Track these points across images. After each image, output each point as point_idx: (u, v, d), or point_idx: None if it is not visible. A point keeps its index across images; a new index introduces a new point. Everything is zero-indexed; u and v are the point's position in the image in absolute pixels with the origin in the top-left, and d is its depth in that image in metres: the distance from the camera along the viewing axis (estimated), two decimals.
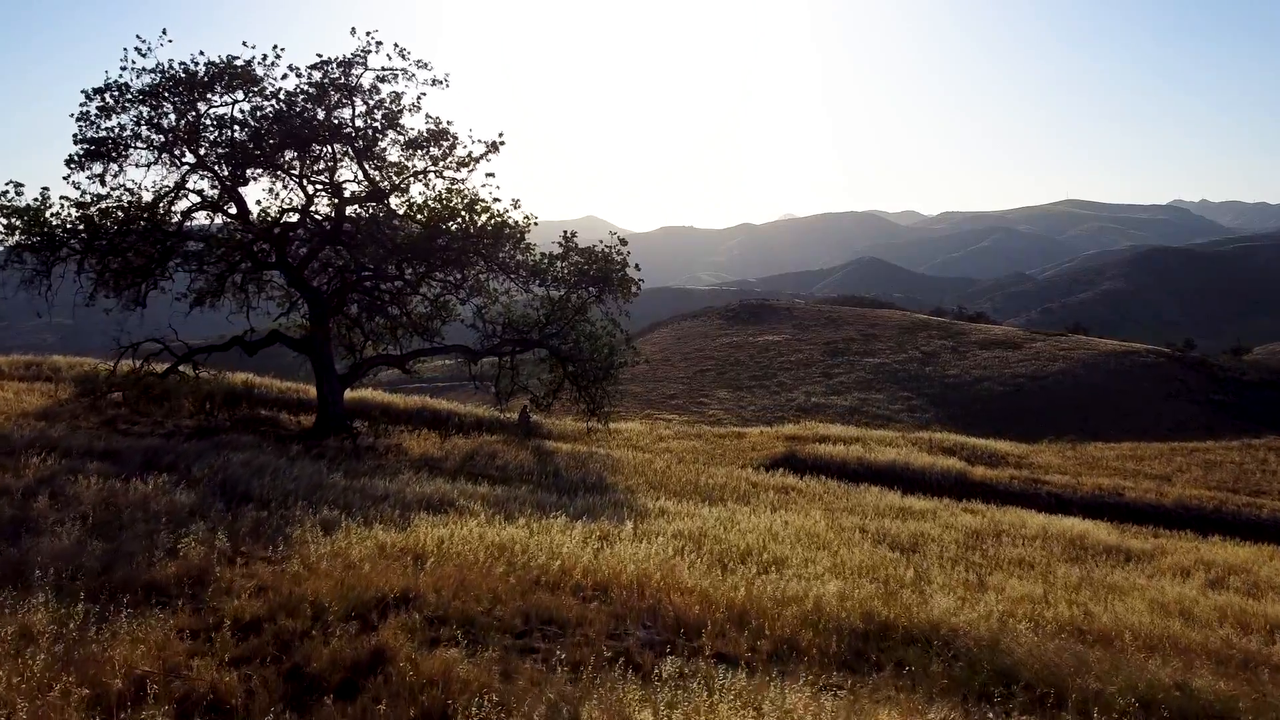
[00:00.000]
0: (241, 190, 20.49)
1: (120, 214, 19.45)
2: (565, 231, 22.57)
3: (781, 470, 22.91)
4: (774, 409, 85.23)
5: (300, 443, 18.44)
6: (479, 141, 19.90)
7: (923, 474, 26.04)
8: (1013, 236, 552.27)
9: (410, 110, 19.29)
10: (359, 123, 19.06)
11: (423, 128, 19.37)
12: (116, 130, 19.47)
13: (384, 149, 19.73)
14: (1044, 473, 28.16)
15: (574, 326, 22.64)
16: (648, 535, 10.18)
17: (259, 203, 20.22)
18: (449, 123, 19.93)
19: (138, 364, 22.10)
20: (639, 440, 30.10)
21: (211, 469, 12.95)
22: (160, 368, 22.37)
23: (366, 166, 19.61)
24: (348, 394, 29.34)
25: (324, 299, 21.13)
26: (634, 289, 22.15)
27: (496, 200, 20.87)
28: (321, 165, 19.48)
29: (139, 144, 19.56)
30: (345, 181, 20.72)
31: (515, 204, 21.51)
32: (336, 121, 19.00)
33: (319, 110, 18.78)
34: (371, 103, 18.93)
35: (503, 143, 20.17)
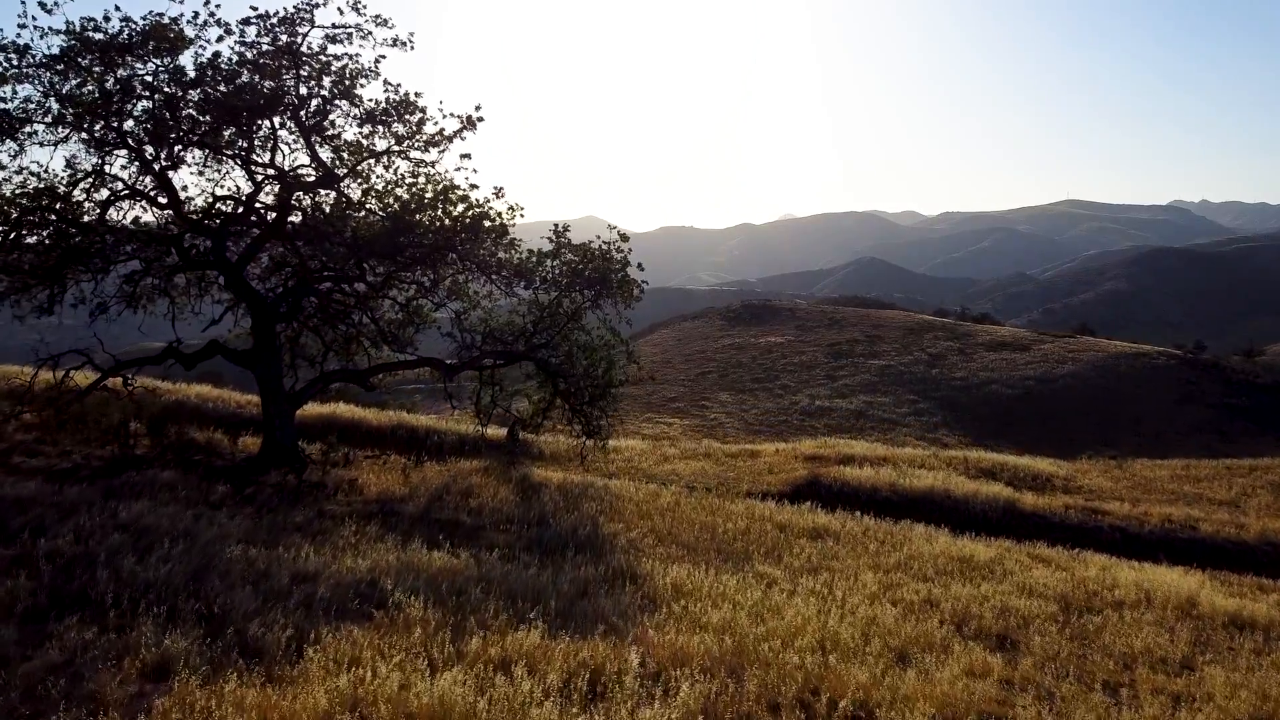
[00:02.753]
0: (171, 175, 17.26)
1: (21, 202, 16.16)
2: (557, 225, 19.25)
3: (809, 504, 19.63)
4: (778, 412, 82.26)
5: (231, 480, 15.13)
6: (451, 115, 16.60)
7: (966, 503, 22.76)
8: (1013, 237, 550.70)
9: (367, 76, 15.98)
10: (303, 90, 15.72)
11: (381, 97, 16.04)
12: (16, 102, 16.19)
13: (337, 124, 16.44)
14: (1099, 500, 24.89)
15: (566, 336, 19.33)
16: (662, 669, 6.87)
17: (185, 189, 16.81)
18: (417, 94, 16.63)
19: (58, 378, 18.80)
20: (641, 461, 26.79)
21: (77, 535, 9.68)
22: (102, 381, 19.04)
23: (315, 145, 16.30)
24: (313, 408, 26.05)
25: (270, 304, 17.83)
26: (636, 292, 18.84)
27: (474, 187, 17.58)
28: (257, 142, 16.15)
29: (45, 118, 16.28)
30: (300, 167, 17.47)
31: (498, 192, 18.22)
32: (279, 91, 15.67)
33: (255, 76, 15.46)
34: (318, 66, 15.59)
35: (480, 118, 16.87)
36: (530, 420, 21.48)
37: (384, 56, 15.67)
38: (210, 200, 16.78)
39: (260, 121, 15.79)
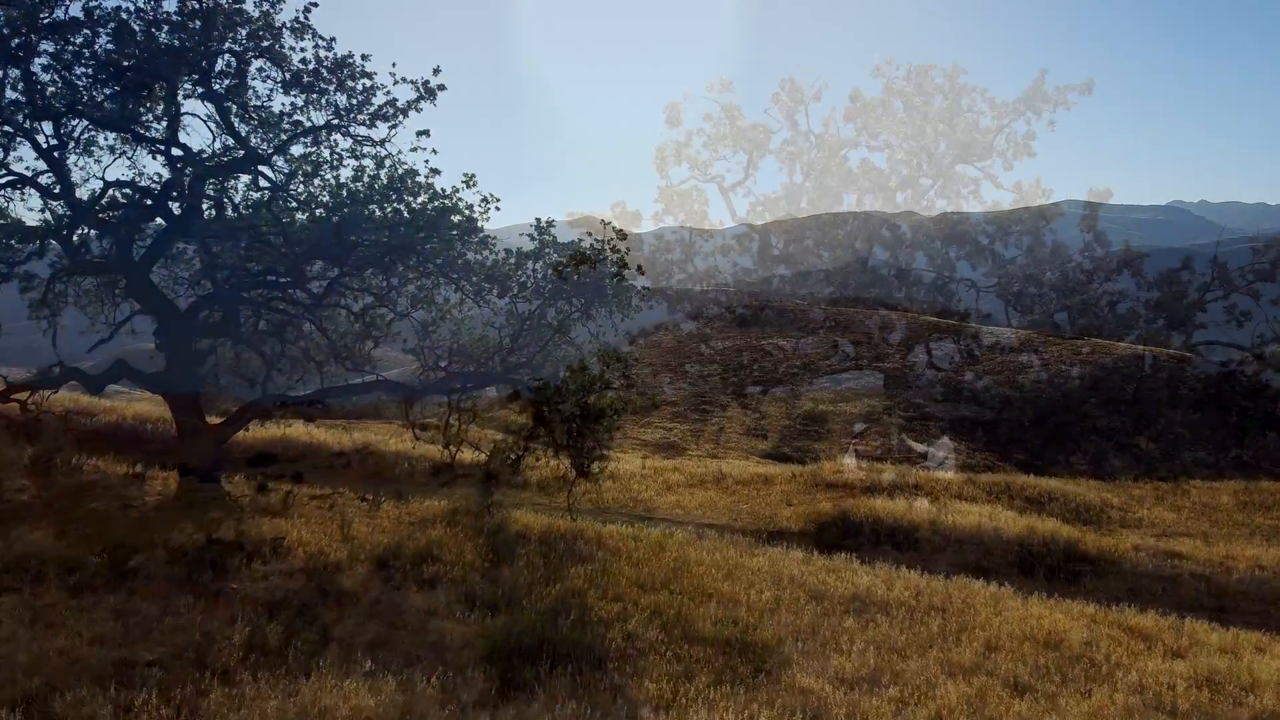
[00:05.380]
0: (68, 158, 13.95)
1: None
2: (539, 219, 16.00)
3: (844, 555, 16.40)
4: (780, 416, 78.76)
5: (117, 544, 11.81)
6: (404, 81, 13.30)
7: (1020, 545, 19.51)
8: (1013, 237, 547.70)
9: (296, 31, 12.69)
10: (212, 45, 12.42)
11: (311, 54, 12.74)
12: None
13: (259, 92, 13.15)
14: (1168, 538, 21.62)
15: (551, 353, 16.06)
16: None
17: (68, 171, 13.48)
18: (363, 57, 13.34)
19: None
20: (640, 491, 23.51)
21: None
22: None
23: (231, 117, 13.00)
24: (262, 430, 22.77)
25: (185, 314, 14.55)
26: (635, 301, 15.58)
27: (436, 172, 14.31)
28: (147, 112, 12.84)
29: None
30: (231, 149, 14.18)
31: (468, 180, 14.97)
32: (182, 47, 12.37)
33: (152, 28, 12.16)
34: (230, 12, 12.28)
35: (441, 85, 13.60)
36: (509, 453, 18.16)
37: (315, 4, 12.40)
38: (102, 187, 13.45)
39: (159, 86, 12.48)
